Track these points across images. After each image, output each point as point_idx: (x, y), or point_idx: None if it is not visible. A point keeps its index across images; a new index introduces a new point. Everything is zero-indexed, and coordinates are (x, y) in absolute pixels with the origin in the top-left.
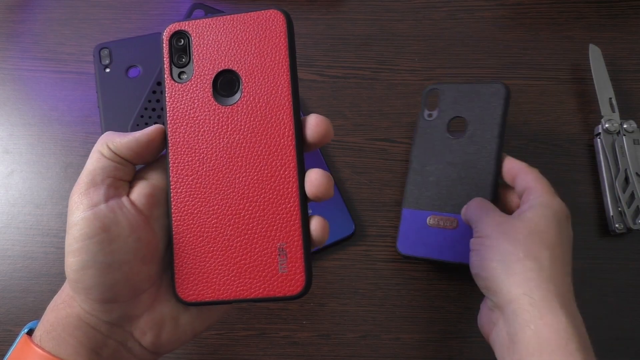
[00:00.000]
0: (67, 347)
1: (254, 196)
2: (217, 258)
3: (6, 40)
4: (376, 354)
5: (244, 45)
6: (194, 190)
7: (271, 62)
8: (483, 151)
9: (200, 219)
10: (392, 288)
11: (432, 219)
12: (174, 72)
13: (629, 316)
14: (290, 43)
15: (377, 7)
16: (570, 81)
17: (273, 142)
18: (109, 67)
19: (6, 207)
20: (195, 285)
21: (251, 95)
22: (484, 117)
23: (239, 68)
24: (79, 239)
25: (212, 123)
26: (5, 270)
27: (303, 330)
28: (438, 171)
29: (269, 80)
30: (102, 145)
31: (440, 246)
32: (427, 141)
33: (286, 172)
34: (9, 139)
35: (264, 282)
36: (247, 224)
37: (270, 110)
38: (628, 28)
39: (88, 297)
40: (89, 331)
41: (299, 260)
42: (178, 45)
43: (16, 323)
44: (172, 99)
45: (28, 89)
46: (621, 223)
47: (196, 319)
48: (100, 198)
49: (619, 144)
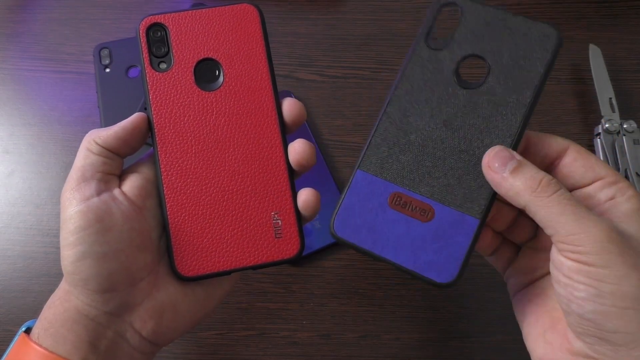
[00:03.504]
0: (66, 343)
1: (244, 172)
2: (213, 232)
3: (6, 40)
4: (376, 354)
5: (221, 35)
6: (184, 170)
7: (249, 49)
8: (504, 116)
9: (193, 197)
10: (392, 288)
11: (397, 197)
12: (154, 62)
13: None
14: (264, 32)
15: (377, 7)
16: (570, 81)
17: (258, 120)
18: (109, 67)
19: (6, 207)
20: (194, 260)
21: (233, 79)
22: (515, 67)
23: (219, 56)
24: (74, 231)
25: (196, 107)
26: (5, 270)
27: (303, 330)
28: (425, 129)
29: (249, 65)
30: (88, 142)
31: (397, 242)
32: (421, 80)
33: (273, 147)
34: (9, 139)
35: (261, 249)
36: (240, 198)
37: (253, 92)
38: (628, 28)
39: (86, 288)
40: (88, 323)
41: (293, 225)
42: (156, 36)
43: (16, 323)
44: (154, 87)
45: (28, 89)
46: None
47: (195, 305)
48: (92, 192)
49: (619, 144)
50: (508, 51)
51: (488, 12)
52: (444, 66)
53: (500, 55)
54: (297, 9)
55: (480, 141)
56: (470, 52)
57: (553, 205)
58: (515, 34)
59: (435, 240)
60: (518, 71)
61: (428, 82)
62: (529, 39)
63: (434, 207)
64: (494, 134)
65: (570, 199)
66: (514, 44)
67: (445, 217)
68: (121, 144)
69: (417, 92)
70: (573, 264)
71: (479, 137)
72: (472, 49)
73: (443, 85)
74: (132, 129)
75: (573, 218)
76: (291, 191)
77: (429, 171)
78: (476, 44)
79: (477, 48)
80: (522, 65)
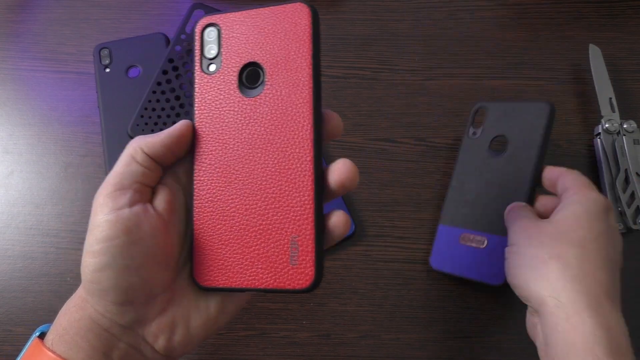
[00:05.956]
0: (79, 351)
1: (271, 188)
2: (233, 246)
3: (6, 40)
4: (376, 354)
5: (269, 38)
6: (216, 179)
7: (294, 55)
8: (519, 170)
9: (221, 208)
10: (392, 288)
11: (464, 236)
12: (204, 64)
13: (629, 316)
14: (315, 36)
15: (377, 7)
16: (570, 81)
17: (291, 135)
18: (109, 67)
19: (6, 207)
20: (212, 271)
21: (273, 87)
22: (524, 136)
23: (263, 60)
24: (100, 240)
25: (235, 114)
26: (5, 270)
27: (303, 330)
28: (476, 189)
29: (291, 73)
30: (134, 149)
31: (469, 264)
32: (469, 159)
33: (302, 165)
34: (9, 139)
35: (274, 273)
36: (263, 215)
37: (290, 103)
38: (628, 28)
39: (103, 298)
40: (102, 333)
41: (310, 254)
42: (209, 38)
43: (16, 323)
44: (200, 90)
45: (28, 89)
46: (621, 223)
47: (206, 321)
48: (126, 202)
49: (619, 144)
50: (519, 126)
51: (502, 104)
52: (481, 147)
53: (514, 130)
54: None
55: (509, 189)
56: (496, 133)
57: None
58: (522, 114)
59: (490, 258)
60: (527, 137)
61: (473, 159)
62: (531, 114)
63: (485, 238)
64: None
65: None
66: (522, 120)
67: (494, 242)
68: (167, 152)
69: (467, 168)
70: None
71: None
72: (497, 131)
73: (482, 159)
74: (179, 136)
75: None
76: (314, 216)
77: (480, 215)
78: (499, 127)
79: (500, 130)
80: (529, 132)
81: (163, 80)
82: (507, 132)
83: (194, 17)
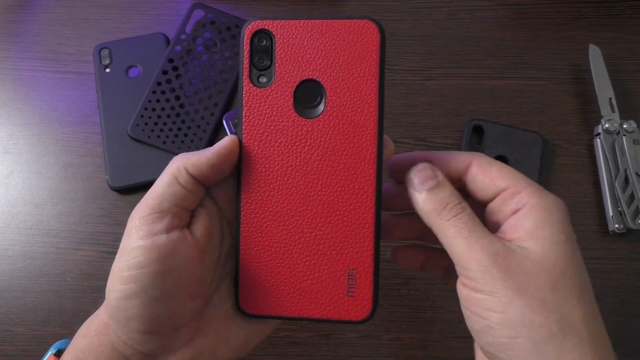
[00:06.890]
0: None
1: (327, 216)
2: (283, 274)
3: (6, 40)
4: (376, 354)
5: (331, 55)
6: (266, 203)
7: (360, 77)
8: None
9: (271, 233)
10: (392, 288)
11: None
12: (253, 75)
13: (629, 316)
14: (382, 58)
15: (377, 7)
16: (570, 81)
17: (353, 163)
18: (109, 67)
19: (6, 207)
20: (260, 298)
21: (335, 110)
22: (524, 161)
23: (324, 79)
24: (132, 266)
25: (289, 135)
26: (5, 270)
27: (303, 330)
28: None
29: (356, 96)
30: (178, 169)
31: None
32: None
33: (364, 196)
34: (9, 139)
35: (329, 303)
36: (319, 244)
37: (354, 128)
38: (628, 28)
39: (127, 326)
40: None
41: (368, 287)
42: (260, 45)
43: (16, 323)
44: (249, 104)
45: (28, 89)
46: (621, 223)
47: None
48: (163, 227)
49: (619, 144)
50: (517, 151)
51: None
52: None
53: (513, 152)
54: (297, 9)
55: None
56: (497, 154)
57: (449, 229)
58: (518, 139)
59: None
60: (525, 163)
61: None
62: (527, 143)
63: None
64: None
65: (467, 223)
66: (519, 146)
67: None
68: (212, 172)
69: None
70: (467, 293)
71: None
72: (498, 151)
73: None
74: (226, 154)
75: (465, 242)
76: (374, 249)
77: None
78: (499, 148)
79: (501, 150)
80: (527, 159)
81: (163, 80)
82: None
83: (194, 17)
